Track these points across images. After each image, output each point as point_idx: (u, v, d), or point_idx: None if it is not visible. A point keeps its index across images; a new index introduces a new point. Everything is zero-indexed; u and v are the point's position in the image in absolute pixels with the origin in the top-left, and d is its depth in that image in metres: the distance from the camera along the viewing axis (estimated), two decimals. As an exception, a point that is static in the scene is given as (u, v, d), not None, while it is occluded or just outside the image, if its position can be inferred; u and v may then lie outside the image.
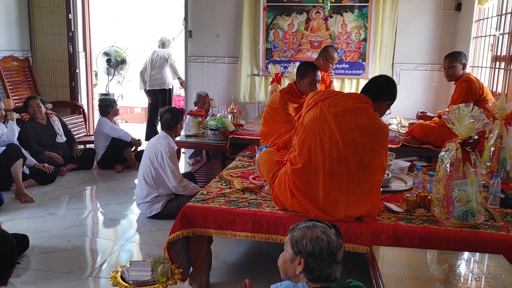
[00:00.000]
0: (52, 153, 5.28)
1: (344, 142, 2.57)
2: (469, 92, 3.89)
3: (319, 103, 2.71)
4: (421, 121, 4.57)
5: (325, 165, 2.59)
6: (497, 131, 3.39)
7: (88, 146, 6.24)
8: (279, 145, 3.46)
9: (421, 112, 4.93)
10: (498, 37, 4.32)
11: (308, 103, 2.80)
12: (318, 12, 5.89)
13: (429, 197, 2.80)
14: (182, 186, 4.02)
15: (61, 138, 5.56)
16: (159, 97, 6.93)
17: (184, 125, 5.63)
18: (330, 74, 5.07)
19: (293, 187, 2.67)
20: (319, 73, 3.84)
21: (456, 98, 3.97)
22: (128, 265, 2.45)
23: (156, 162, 3.98)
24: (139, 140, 5.80)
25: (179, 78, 7.11)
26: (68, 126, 5.85)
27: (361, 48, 5.86)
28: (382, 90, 2.74)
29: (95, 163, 5.72)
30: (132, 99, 10.81)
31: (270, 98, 4.05)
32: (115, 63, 7.41)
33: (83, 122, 6.73)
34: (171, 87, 7.03)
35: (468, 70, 5.01)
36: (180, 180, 4.02)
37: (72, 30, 6.70)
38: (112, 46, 8.19)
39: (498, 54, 4.31)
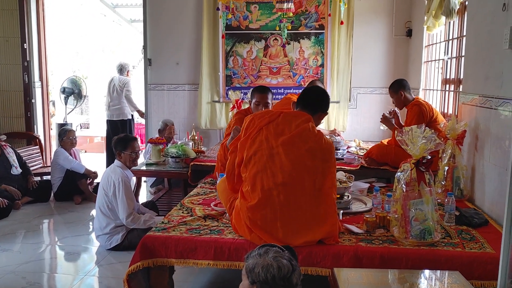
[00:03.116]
0: (8, 186, 5.10)
1: (296, 170, 2.58)
2: (420, 115, 4.05)
3: (262, 128, 2.68)
4: (382, 128, 4.64)
5: (280, 197, 2.57)
6: (450, 151, 3.52)
7: (45, 177, 6.05)
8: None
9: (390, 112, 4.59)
10: (447, 61, 4.53)
11: (249, 129, 2.72)
12: (276, 39, 6.03)
13: (387, 217, 2.86)
14: (130, 220, 3.84)
15: (16, 170, 5.38)
16: (119, 128, 6.78)
17: (146, 153, 5.58)
18: None
19: (250, 224, 2.62)
20: (268, 95, 3.92)
21: (409, 122, 4.10)
22: (86, 300, 2.36)
23: (110, 191, 3.89)
24: (95, 172, 5.64)
25: (138, 111, 6.96)
26: (24, 158, 5.67)
27: (319, 74, 6.00)
28: (320, 102, 2.78)
29: (52, 195, 5.54)
30: (92, 128, 10.62)
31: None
32: (70, 91, 7.27)
33: (39, 153, 6.54)
34: (130, 117, 6.84)
35: (420, 93, 5.23)
36: (129, 214, 3.84)
37: (28, 59, 6.57)
38: (74, 76, 8.07)
39: (448, 77, 4.51)
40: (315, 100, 2.78)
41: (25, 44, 6.54)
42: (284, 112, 2.75)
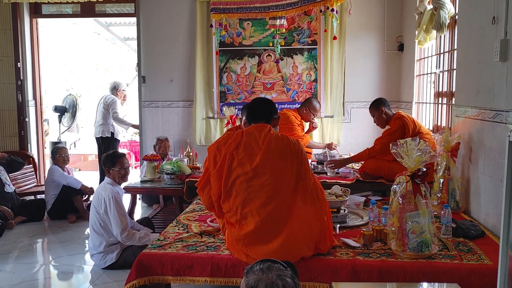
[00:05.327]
0: (1, 206, 5.05)
1: (279, 183, 2.61)
2: (402, 128, 4.14)
3: (233, 154, 2.67)
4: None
5: (272, 215, 2.58)
6: (445, 163, 3.54)
7: (38, 196, 6.00)
8: None
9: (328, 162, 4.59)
10: (439, 75, 4.57)
11: (218, 158, 2.70)
12: (269, 55, 6.07)
13: (384, 230, 2.85)
14: (124, 236, 3.77)
15: (10, 188, 5.33)
16: (101, 144, 6.62)
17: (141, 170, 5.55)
18: (313, 123, 5.42)
19: (249, 252, 2.61)
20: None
21: (389, 133, 4.19)
22: (81, 320, 2.33)
23: (101, 209, 3.84)
24: (91, 188, 5.60)
25: (133, 126, 6.92)
26: (17, 177, 5.62)
27: (313, 89, 6.04)
28: (271, 111, 2.84)
29: (45, 214, 5.49)
30: (86, 146, 10.59)
31: None
32: (62, 109, 7.25)
33: (33, 172, 6.49)
34: (109, 135, 6.63)
35: (413, 106, 5.26)
36: (123, 229, 3.78)
37: (21, 78, 6.57)
38: (68, 94, 8.07)
39: (440, 90, 4.55)
40: (264, 111, 2.83)
41: (18, 63, 6.54)
42: (244, 130, 2.77)
